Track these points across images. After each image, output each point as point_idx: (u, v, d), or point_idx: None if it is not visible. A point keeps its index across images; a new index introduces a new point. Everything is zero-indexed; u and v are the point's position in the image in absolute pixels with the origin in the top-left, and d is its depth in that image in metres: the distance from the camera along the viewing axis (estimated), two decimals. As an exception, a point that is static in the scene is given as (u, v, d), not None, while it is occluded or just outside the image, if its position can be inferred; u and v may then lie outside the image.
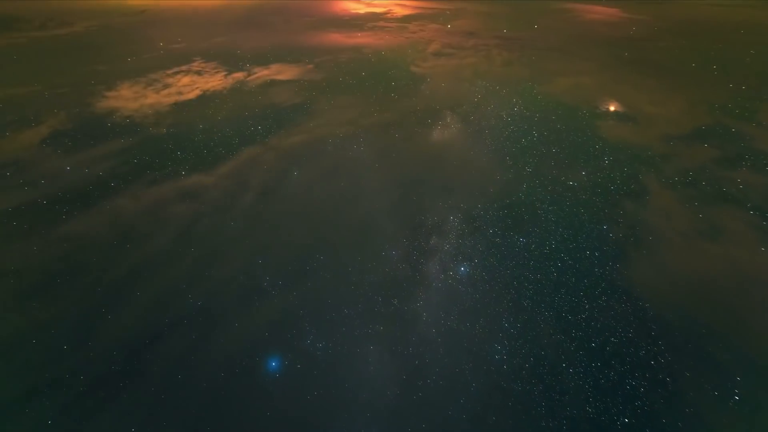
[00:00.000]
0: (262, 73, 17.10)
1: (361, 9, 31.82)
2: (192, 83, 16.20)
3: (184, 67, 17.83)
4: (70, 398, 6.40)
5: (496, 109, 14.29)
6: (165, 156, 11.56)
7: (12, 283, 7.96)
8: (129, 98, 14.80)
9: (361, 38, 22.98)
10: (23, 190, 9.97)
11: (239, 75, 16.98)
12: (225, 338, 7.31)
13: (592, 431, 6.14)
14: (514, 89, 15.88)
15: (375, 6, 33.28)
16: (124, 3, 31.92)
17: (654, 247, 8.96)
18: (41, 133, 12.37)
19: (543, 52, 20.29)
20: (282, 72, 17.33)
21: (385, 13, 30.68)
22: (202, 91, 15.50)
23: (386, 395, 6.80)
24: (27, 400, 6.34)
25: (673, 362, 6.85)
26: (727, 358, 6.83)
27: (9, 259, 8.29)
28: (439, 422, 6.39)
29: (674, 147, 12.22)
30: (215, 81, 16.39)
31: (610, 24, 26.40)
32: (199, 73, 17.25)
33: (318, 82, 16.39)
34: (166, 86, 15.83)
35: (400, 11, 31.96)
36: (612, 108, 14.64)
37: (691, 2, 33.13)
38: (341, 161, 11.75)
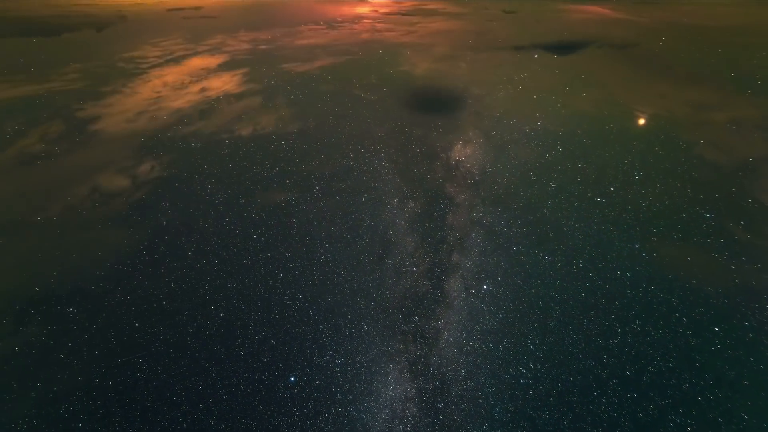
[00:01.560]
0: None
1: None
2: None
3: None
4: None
5: (519, 123, 14.10)
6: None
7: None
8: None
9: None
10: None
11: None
12: (243, 350, 7.36)
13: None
14: (533, 100, 15.66)
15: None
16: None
17: (692, 268, 8.43)
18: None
19: (556, 58, 20.00)
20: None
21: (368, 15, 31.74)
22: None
23: (405, 417, 6.61)
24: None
25: (725, 401, 6.25)
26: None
27: None
28: (461, 449, 6.12)
29: (715, 164, 11.61)
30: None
31: (623, 27, 25.78)
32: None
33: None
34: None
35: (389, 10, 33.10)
36: (642, 121, 14.15)
37: (704, 2, 32.05)
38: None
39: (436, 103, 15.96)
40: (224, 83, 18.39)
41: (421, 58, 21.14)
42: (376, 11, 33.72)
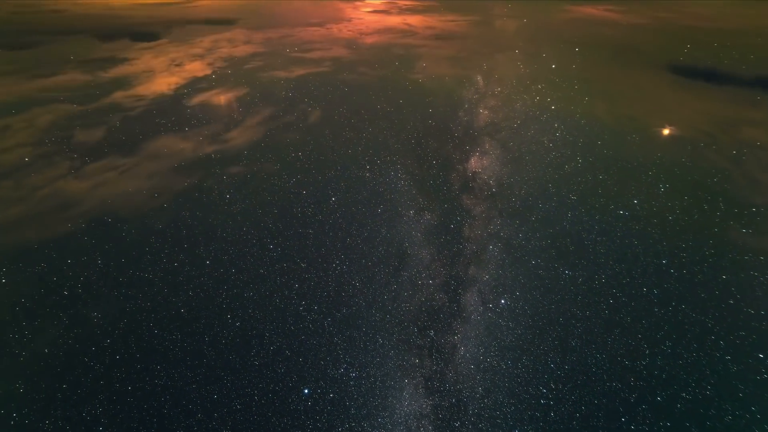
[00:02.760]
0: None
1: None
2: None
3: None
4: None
5: (536, 134, 13.90)
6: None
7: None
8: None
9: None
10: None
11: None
12: (259, 361, 7.38)
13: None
14: (550, 110, 15.40)
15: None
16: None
17: (728, 287, 7.93)
18: None
19: (574, 68, 19.61)
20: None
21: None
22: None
23: (420, 435, 6.43)
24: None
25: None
26: None
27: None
28: (478, 472, 5.87)
29: (751, 178, 11.01)
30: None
31: (639, 31, 25.02)
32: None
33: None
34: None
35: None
36: (667, 131, 13.68)
37: (704, 2, 30.83)
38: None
39: (449, 113, 15.93)
40: (230, 90, 18.76)
41: (429, 63, 21.22)
42: (376, 12, 33.96)
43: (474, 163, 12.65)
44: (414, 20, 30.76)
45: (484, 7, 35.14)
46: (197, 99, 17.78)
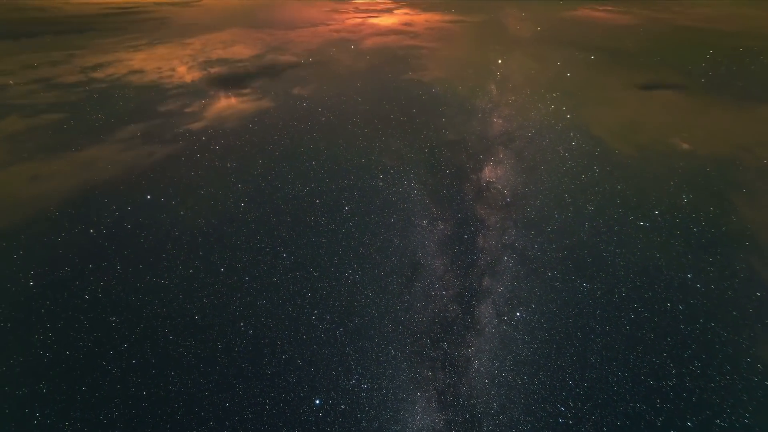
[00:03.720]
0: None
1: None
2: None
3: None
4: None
5: (552, 143, 13.70)
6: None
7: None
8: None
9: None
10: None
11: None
12: (271, 370, 7.38)
13: None
14: (566, 118, 15.17)
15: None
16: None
17: (764, 306, 7.48)
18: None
19: (589, 73, 19.26)
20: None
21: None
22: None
23: (433, 451, 6.26)
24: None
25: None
26: None
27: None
28: (494, 494, 5.65)
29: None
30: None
31: (649, 35, 24.26)
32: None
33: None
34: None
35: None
36: (690, 141, 13.24)
37: (707, 3, 29.51)
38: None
39: (462, 121, 15.89)
40: (232, 93, 18.57)
41: (435, 67, 21.13)
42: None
43: (488, 172, 12.53)
44: (415, 20, 30.59)
45: (485, 6, 34.61)
46: (199, 102, 17.63)
